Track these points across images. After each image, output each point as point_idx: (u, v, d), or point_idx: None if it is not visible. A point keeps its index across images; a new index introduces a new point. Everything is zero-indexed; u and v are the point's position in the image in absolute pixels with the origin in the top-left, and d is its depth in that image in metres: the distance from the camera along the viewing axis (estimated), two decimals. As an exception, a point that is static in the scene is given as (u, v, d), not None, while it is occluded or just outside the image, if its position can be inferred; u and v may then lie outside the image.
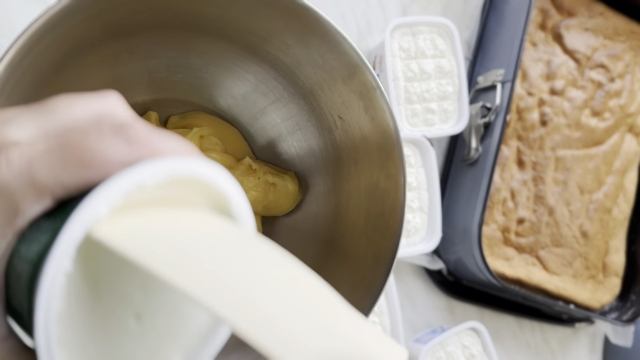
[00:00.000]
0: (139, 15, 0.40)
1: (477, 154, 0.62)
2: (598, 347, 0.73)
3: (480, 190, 0.60)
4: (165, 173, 0.21)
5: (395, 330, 0.56)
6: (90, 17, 0.38)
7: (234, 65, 0.47)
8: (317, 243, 0.49)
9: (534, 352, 0.70)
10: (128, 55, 0.45)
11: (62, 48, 0.39)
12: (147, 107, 0.49)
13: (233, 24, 0.42)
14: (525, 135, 0.65)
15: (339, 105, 0.44)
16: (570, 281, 0.67)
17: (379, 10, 0.66)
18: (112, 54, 0.44)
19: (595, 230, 0.67)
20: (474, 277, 0.63)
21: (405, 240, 0.59)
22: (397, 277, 0.64)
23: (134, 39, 0.43)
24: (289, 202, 0.50)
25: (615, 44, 0.69)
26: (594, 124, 0.68)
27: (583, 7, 0.69)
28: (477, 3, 0.68)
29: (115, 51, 0.44)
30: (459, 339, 0.61)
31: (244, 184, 0.50)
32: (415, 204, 0.59)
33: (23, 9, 0.54)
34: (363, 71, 0.41)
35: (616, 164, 0.69)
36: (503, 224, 0.65)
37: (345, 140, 0.46)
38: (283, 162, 0.52)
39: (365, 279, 0.43)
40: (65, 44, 0.39)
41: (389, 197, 0.43)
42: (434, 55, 0.62)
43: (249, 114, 0.51)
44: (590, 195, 0.67)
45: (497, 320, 0.69)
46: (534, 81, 0.66)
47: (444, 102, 0.61)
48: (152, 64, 0.46)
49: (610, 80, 0.69)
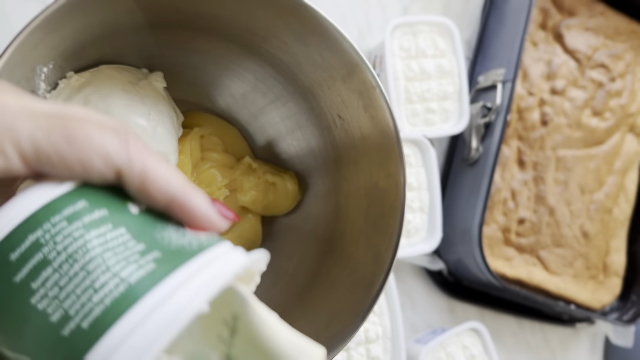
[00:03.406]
0: (136, 15, 0.40)
1: (477, 154, 0.62)
2: (599, 347, 0.73)
3: (480, 191, 0.60)
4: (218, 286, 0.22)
5: (395, 330, 0.55)
6: (87, 16, 0.38)
7: (232, 64, 0.47)
8: (316, 242, 0.49)
9: (535, 353, 0.70)
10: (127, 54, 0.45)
11: (60, 47, 0.39)
12: (146, 107, 0.49)
13: (232, 23, 0.42)
14: (525, 135, 0.65)
15: (338, 104, 0.44)
16: (570, 281, 0.66)
17: (379, 9, 0.65)
18: (111, 53, 0.44)
19: (596, 230, 0.67)
20: (474, 277, 0.63)
21: (406, 241, 0.59)
22: (397, 277, 0.64)
23: (132, 38, 0.43)
24: (289, 201, 0.50)
25: (615, 43, 0.69)
26: (595, 123, 0.68)
27: (584, 6, 0.69)
28: (478, 2, 0.68)
29: (115, 50, 0.44)
30: (460, 339, 0.61)
31: (244, 184, 0.50)
32: (415, 204, 0.59)
33: (22, 8, 0.54)
34: (362, 70, 0.41)
35: (617, 164, 0.69)
36: (503, 224, 0.65)
37: (345, 140, 0.46)
38: (282, 161, 0.51)
39: (364, 279, 0.43)
40: (63, 43, 0.39)
41: (388, 197, 0.43)
42: (435, 54, 0.62)
43: (248, 113, 0.51)
44: (591, 196, 0.67)
45: (497, 321, 0.68)
46: (535, 81, 0.66)
47: (444, 102, 0.61)
48: (151, 63, 0.46)
49: (610, 80, 0.68)
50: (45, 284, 0.21)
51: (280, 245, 0.51)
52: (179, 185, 0.24)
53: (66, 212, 0.22)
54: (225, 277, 0.22)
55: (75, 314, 0.21)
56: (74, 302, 0.21)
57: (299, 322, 0.46)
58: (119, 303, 0.21)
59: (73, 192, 0.23)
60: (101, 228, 0.22)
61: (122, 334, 0.20)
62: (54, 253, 0.22)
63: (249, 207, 0.50)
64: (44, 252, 0.22)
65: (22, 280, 0.21)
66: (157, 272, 0.22)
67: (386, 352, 0.55)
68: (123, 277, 0.21)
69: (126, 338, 0.20)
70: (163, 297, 0.21)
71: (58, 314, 0.21)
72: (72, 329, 0.21)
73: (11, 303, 0.22)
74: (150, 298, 0.21)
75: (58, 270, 0.21)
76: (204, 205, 0.24)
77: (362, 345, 0.55)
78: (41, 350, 0.21)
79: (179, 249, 0.23)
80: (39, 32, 0.35)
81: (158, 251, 0.23)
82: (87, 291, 0.21)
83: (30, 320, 0.21)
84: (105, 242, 0.22)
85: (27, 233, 0.22)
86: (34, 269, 0.21)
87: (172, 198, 0.24)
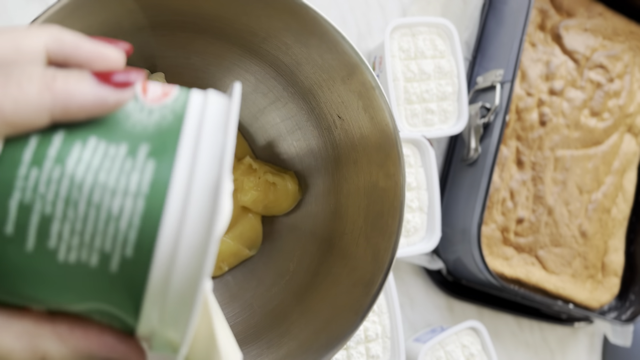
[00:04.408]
0: (138, 16, 0.40)
1: (476, 154, 0.62)
2: (597, 346, 0.73)
3: (479, 190, 0.60)
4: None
5: (394, 329, 0.56)
6: (89, 17, 0.38)
7: (233, 65, 0.47)
8: (316, 242, 0.49)
9: (533, 352, 0.70)
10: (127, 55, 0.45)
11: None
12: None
13: (233, 24, 0.42)
14: (524, 136, 0.65)
15: (338, 105, 0.44)
16: (569, 281, 0.67)
17: (379, 11, 0.66)
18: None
19: (594, 230, 0.68)
20: (473, 276, 0.63)
21: (405, 240, 0.59)
22: (396, 277, 0.65)
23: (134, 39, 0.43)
24: (289, 201, 0.50)
25: (614, 44, 0.70)
26: (593, 124, 0.68)
27: (582, 7, 0.69)
28: (477, 4, 0.68)
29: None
30: (459, 338, 0.61)
31: (244, 184, 0.50)
32: (414, 204, 0.60)
33: (24, 8, 0.54)
34: (362, 71, 0.41)
35: (615, 164, 0.69)
36: (502, 224, 0.65)
37: (345, 140, 0.46)
38: (283, 161, 0.52)
39: (364, 278, 0.44)
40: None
41: (388, 197, 0.43)
42: (434, 55, 0.62)
43: (248, 113, 0.51)
44: (590, 195, 0.68)
45: (496, 320, 0.69)
46: (533, 81, 0.66)
47: (443, 103, 0.62)
48: (152, 63, 0.46)
49: (609, 81, 0.69)
50: (62, 238, 0.20)
51: (280, 244, 0.52)
52: (89, 54, 0.22)
53: (26, 157, 0.20)
54: (228, 130, 0.21)
55: (112, 249, 0.20)
56: (103, 240, 0.20)
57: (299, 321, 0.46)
58: (148, 216, 0.20)
59: (19, 137, 0.20)
60: (73, 152, 0.20)
61: (171, 238, 0.19)
62: (48, 206, 0.20)
63: (249, 206, 0.51)
64: (36, 209, 0.20)
65: (35, 247, 0.20)
66: (162, 166, 0.20)
67: (385, 351, 0.55)
68: (134, 191, 0.20)
69: (178, 238, 0.19)
70: (185, 184, 0.20)
71: (95, 258, 0.20)
72: (119, 263, 0.20)
73: (40, 274, 0.20)
74: (175, 194, 0.20)
75: (65, 219, 0.20)
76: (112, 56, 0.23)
77: (362, 344, 0.55)
78: (102, 297, 0.20)
79: (159, 128, 0.21)
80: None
81: (143, 143, 0.21)
82: (110, 223, 0.20)
83: (71, 278, 0.20)
84: (89, 165, 0.20)
85: (4, 201, 0.20)
86: (39, 231, 0.20)
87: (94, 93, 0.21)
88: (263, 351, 0.45)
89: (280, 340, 0.45)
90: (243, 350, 0.45)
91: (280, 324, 0.47)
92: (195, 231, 0.20)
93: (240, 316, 0.49)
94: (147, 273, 0.20)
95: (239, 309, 0.49)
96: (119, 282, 0.20)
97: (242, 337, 0.47)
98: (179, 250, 0.20)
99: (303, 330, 0.45)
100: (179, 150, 0.21)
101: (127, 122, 0.21)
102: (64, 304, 0.21)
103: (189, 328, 0.20)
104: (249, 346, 0.46)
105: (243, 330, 0.47)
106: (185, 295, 0.20)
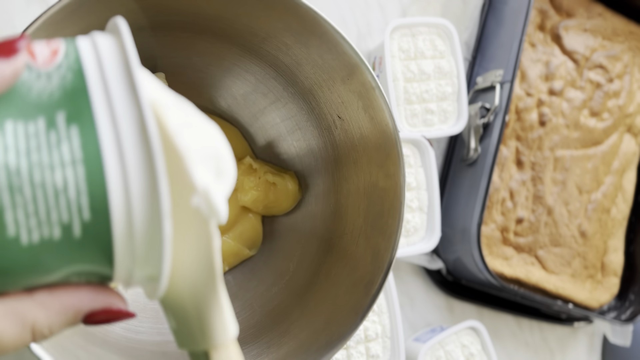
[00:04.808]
0: (138, 16, 0.41)
1: (476, 154, 0.62)
2: (597, 346, 0.73)
3: (479, 190, 0.60)
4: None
5: (394, 329, 0.56)
6: (89, 17, 0.38)
7: (233, 66, 0.47)
8: (316, 242, 0.49)
9: (533, 351, 0.70)
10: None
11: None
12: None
13: (233, 24, 0.43)
14: (524, 136, 0.65)
15: (338, 105, 0.45)
16: (569, 280, 0.67)
17: (379, 11, 0.66)
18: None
19: (593, 230, 0.68)
20: (473, 276, 0.63)
21: (405, 240, 0.59)
22: (396, 277, 0.65)
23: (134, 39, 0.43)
24: (289, 201, 0.51)
25: (613, 44, 0.70)
26: (593, 124, 0.68)
27: (582, 7, 0.69)
28: (476, 4, 0.68)
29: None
30: (458, 338, 0.61)
31: (244, 184, 0.50)
32: (414, 204, 0.60)
33: (24, 9, 0.54)
34: (362, 71, 0.41)
35: (615, 164, 0.69)
36: (502, 224, 0.65)
37: (345, 140, 0.46)
38: (283, 161, 0.52)
39: (364, 278, 0.44)
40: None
41: (388, 197, 0.43)
42: (433, 56, 0.62)
43: (249, 113, 0.51)
44: (589, 195, 0.68)
45: (496, 320, 0.69)
46: (533, 82, 0.66)
47: (443, 103, 0.62)
48: (153, 64, 0.47)
49: (608, 81, 0.69)
50: (19, 224, 0.20)
51: (280, 244, 0.52)
52: None
53: None
54: (130, 64, 0.21)
55: (70, 218, 0.20)
56: (59, 213, 0.20)
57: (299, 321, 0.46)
58: (92, 177, 0.20)
59: None
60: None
61: (120, 186, 0.20)
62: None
63: (249, 206, 0.51)
64: None
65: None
66: (85, 127, 0.20)
67: (385, 350, 0.56)
68: (69, 159, 0.20)
69: (126, 182, 0.20)
70: (113, 133, 0.20)
71: (57, 231, 0.20)
72: (81, 227, 0.20)
73: (9, 261, 0.20)
74: (108, 147, 0.20)
75: (16, 206, 0.20)
76: None
77: (362, 344, 0.55)
78: (75, 260, 0.21)
79: (64, 90, 0.21)
80: (41, 33, 0.35)
81: (58, 111, 0.21)
82: (60, 196, 0.20)
83: (41, 255, 0.20)
84: (17, 150, 0.20)
85: None
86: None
87: None
88: (263, 351, 0.45)
89: (280, 340, 0.45)
90: (243, 350, 0.45)
91: (280, 324, 0.47)
92: (139, 167, 0.20)
93: (240, 316, 0.49)
94: (109, 225, 0.20)
95: (239, 308, 0.49)
96: (87, 243, 0.20)
97: (242, 336, 0.47)
98: (131, 191, 0.20)
99: (303, 330, 0.45)
100: (93, 105, 0.20)
101: (32, 94, 0.21)
102: (41, 278, 0.21)
103: (164, 259, 0.21)
104: (249, 346, 0.46)
105: (243, 330, 0.47)
106: (151, 229, 0.21)
